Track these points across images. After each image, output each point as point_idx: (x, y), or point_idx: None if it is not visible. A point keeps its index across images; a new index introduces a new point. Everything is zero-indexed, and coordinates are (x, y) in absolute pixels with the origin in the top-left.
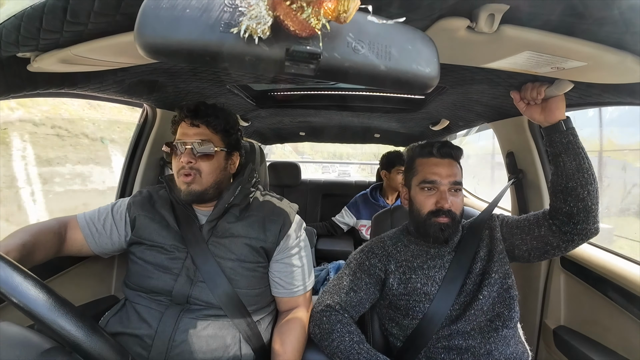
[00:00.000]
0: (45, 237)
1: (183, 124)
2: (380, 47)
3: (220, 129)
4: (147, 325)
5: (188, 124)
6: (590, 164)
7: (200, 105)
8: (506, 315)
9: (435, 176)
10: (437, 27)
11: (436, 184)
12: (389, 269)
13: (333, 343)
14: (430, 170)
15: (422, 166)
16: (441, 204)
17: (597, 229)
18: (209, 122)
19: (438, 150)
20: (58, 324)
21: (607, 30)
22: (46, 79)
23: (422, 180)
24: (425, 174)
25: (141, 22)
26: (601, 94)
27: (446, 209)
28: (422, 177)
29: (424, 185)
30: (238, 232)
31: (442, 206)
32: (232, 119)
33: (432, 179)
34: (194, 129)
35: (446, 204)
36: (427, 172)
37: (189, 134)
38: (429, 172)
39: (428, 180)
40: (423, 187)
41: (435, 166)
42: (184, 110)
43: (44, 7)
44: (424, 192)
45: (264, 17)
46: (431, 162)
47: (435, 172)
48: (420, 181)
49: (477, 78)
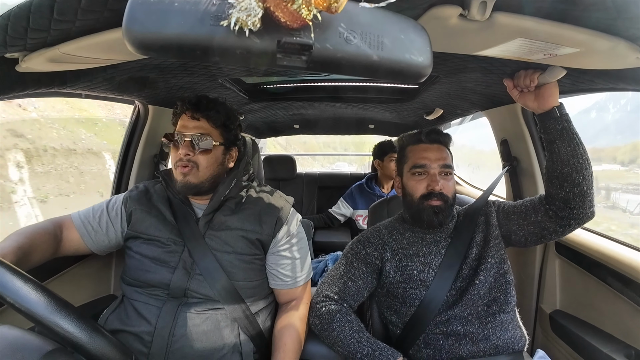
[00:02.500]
0: (41, 239)
1: (184, 116)
2: (372, 37)
3: (220, 124)
4: (146, 322)
5: (188, 117)
6: (585, 150)
7: (202, 98)
8: (502, 299)
9: (424, 160)
10: (429, 16)
11: (426, 167)
12: (385, 257)
13: (333, 333)
14: (420, 155)
15: (412, 152)
16: (432, 186)
17: (592, 213)
18: (209, 116)
19: (426, 136)
20: (59, 325)
21: (598, 16)
22: (35, 78)
23: (413, 166)
24: (415, 159)
25: (129, 17)
26: (593, 80)
27: (437, 191)
28: (412, 163)
29: (414, 170)
30: (234, 224)
31: (434, 188)
32: (233, 114)
33: (422, 163)
34: (194, 122)
35: (437, 186)
36: (417, 157)
37: (188, 126)
38: (419, 157)
39: (418, 164)
40: (414, 172)
41: (424, 151)
42: (186, 102)
43: (31, 6)
44: (415, 177)
45: (254, 8)
46: (420, 147)
47: (425, 156)
48: (411, 167)
49: (470, 66)
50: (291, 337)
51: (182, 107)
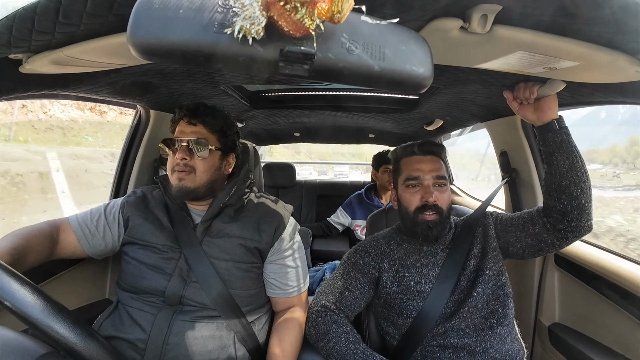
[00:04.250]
0: (37, 240)
1: (181, 122)
2: (374, 48)
3: (217, 129)
4: (140, 329)
5: (186, 122)
6: (583, 162)
7: (199, 105)
8: (500, 312)
9: (418, 172)
10: (430, 28)
11: (420, 179)
12: (383, 268)
13: (329, 344)
14: (413, 167)
15: (405, 165)
16: (426, 198)
17: (590, 226)
18: (205, 122)
19: (419, 148)
20: (53, 329)
21: (598, 30)
22: (38, 80)
23: (407, 178)
24: (409, 172)
25: (134, 22)
26: (593, 93)
27: (431, 203)
28: (406, 175)
29: (408, 182)
30: (232, 232)
31: (427, 200)
32: (230, 121)
33: (415, 175)
34: (191, 127)
35: (431, 197)
36: (411, 169)
37: (185, 131)
38: (412, 169)
39: (412, 176)
40: (408, 185)
41: (418, 163)
42: (183, 109)
43: (36, 8)
44: (409, 189)
45: (257, 17)
46: (414, 159)
47: (418, 168)
48: (405, 179)
49: (471, 78)
50: (288, 345)
51: (179, 114)
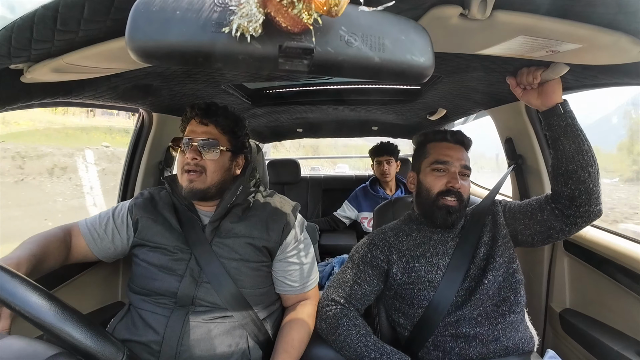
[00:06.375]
0: (53, 246)
1: (192, 121)
2: (373, 39)
3: (228, 130)
4: (153, 331)
5: (197, 122)
6: (590, 146)
7: (211, 105)
8: (512, 299)
9: (448, 157)
10: (429, 16)
11: (448, 164)
12: (392, 259)
13: (340, 337)
14: (443, 152)
15: (434, 149)
16: (452, 183)
17: (599, 211)
18: (217, 122)
19: (451, 135)
20: (69, 334)
21: (600, 11)
22: (40, 89)
23: (435, 161)
24: (437, 155)
25: (132, 26)
26: (597, 76)
27: (457, 189)
28: (434, 158)
29: (436, 165)
30: (241, 232)
31: (453, 186)
32: (241, 122)
33: (445, 160)
34: (202, 127)
35: (457, 183)
36: (440, 153)
37: (197, 131)
38: (442, 154)
39: (440, 160)
40: (435, 168)
41: (448, 149)
42: (195, 108)
43: (34, 17)
44: (435, 173)
45: (254, 14)
46: (444, 145)
47: (448, 154)
48: (432, 162)
49: (473, 65)
50: (297, 337)
51: (191, 113)
